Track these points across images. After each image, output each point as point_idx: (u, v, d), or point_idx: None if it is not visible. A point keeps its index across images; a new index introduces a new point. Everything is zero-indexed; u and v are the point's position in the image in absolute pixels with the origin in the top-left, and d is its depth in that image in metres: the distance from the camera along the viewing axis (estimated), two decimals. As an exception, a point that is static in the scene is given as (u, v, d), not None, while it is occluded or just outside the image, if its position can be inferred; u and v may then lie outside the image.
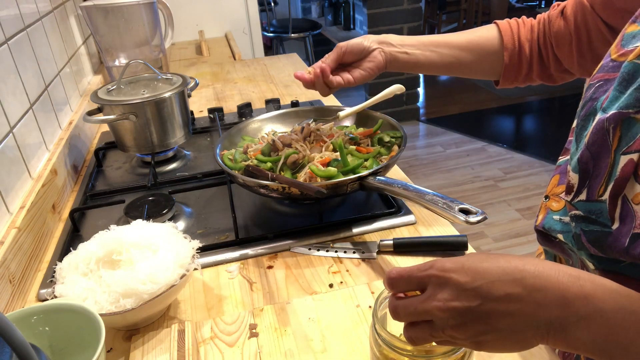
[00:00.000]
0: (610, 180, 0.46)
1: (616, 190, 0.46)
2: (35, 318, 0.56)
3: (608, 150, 0.47)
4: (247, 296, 0.70)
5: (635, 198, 0.44)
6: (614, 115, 0.46)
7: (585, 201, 0.49)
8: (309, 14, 5.23)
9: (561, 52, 0.76)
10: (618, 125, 0.46)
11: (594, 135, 0.48)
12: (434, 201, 0.65)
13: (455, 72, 0.84)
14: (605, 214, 0.47)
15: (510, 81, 0.83)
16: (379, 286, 0.69)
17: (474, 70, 0.84)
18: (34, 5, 1.07)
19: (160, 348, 0.59)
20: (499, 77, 0.83)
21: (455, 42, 0.82)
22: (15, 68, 0.90)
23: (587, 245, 0.48)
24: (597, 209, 0.47)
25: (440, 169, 2.95)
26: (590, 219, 0.48)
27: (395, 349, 0.46)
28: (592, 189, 0.48)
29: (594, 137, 0.48)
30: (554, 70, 0.79)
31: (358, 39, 0.83)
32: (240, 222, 0.84)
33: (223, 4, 2.25)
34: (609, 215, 0.46)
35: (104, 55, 1.46)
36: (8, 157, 0.81)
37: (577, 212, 0.50)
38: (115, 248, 0.65)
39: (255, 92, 1.50)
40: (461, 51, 0.81)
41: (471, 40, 0.82)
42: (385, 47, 0.83)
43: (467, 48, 0.81)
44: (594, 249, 0.48)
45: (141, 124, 1.00)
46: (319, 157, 0.84)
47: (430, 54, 0.82)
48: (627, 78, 0.47)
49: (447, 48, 0.82)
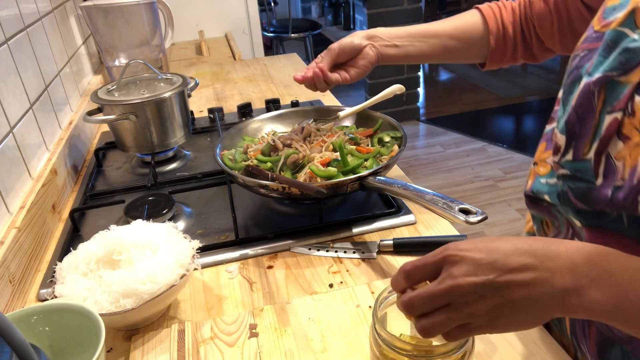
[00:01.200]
0: (595, 139, 0.49)
1: (600, 148, 0.49)
2: (35, 318, 0.56)
3: (593, 111, 0.50)
4: (247, 296, 0.70)
5: (618, 155, 0.47)
6: (599, 78, 0.49)
7: (571, 161, 0.52)
8: (309, 14, 5.23)
9: (543, 32, 0.79)
10: (603, 88, 0.49)
11: (580, 98, 0.51)
12: (434, 201, 0.65)
13: (444, 59, 0.88)
14: (590, 172, 0.50)
15: (497, 63, 0.86)
16: (379, 286, 0.69)
17: (463, 56, 0.87)
18: (34, 5, 1.07)
19: (160, 348, 0.59)
20: (485, 60, 0.86)
21: (443, 30, 0.84)
22: (15, 68, 0.90)
23: (574, 201, 0.52)
24: (582, 167, 0.51)
25: (440, 169, 2.95)
26: (576, 177, 0.51)
27: (395, 349, 0.46)
28: (578, 149, 0.51)
29: (581, 100, 0.51)
30: (536, 50, 0.82)
31: (348, 39, 0.85)
32: (240, 222, 0.83)
33: (223, 4, 2.25)
34: (594, 172, 0.50)
35: (104, 55, 1.46)
36: (8, 157, 0.81)
37: (564, 171, 0.53)
38: (115, 248, 0.65)
39: (255, 92, 1.50)
40: (449, 39, 0.84)
41: (457, 27, 0.84)
42: (376, 42, 0.85)
43: (454, 36, 0.84)
44: (581, 204, 0.51)
45: (141, 124, 1.00)
46: (319, 157, 0.84)
47: (420, 44, 0.85)
48: (611, 44, 0.49)
49: (435, 38, 0.84)
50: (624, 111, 0.47)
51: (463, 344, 0.46)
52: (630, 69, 0.47)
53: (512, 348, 0.58)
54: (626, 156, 0.47)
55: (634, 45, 0.47)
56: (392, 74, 3.40)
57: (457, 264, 0.42)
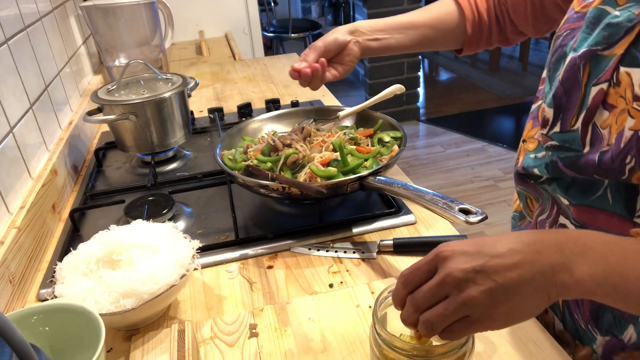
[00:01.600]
0: (582, 110, 0.53)
1: (587, 118, 0.53)
2: (35, 318, 0.56)
3: (579, 84, 0.53)
4: (247, 296, 0.70)
5: (604, 123, 0.51)
6: (584, 52, 0.52)
7: (559, 132, 0.56)
8: (309, 14, 5.24)
9: (517, 17, 0.83)
10: (588, 62, 0.52)
11: (567, 72, 0.54)
12: (434, 201, 0.65)
13: (423, 48, 0.90)
14: (578, 141, 0.54)
15: (473, 49, 0.89)
16: (379, 286, 0.69)
17: (441, 44, 0.90)
18: (34, 5, 1.07)
19: (160, 348, 0.59)
20: (462, 46, 0.89)
21: (421, 21, 0.87)
22: (15, 68, 0.90)
23: (563, 169, 0.55)
24: (570, 137, 0.55)
25: (440, 169, 2.95)
26: (565, 147, 0.55)
27: (395, 349, 0.46)
28: (565, 121, 0.55)
29: (567, 74, 0.54)
30: (510, 34, 0.87)
31: (331, 36, 0.86)
32: (240, 222, 0.83)
33: (223, 4, 2.25)
34: (581, 141, 0.53)
35: (104, 55, 1.46)
36: (8, 157, 0.81)
37: (552, 142, 0.57)
38: (115, 248, 0.65)
39: (255, 92, 1.50)
40: (427, 29, 0.87)
41: (434, 17, 0.87)
42: (358, 36, 0.87)
43: (432, 25, 0.87)
44: (570, 172, 0.54)
45: (141, 124, 1.00)
46: (319, 157, 0.84)
47: (400, 36, 0.87)
48: (593, 21, 0.53)
49: (413, 29, 0.87)
50: (609, 82, 0.51)
51: (463, 343, 0.46)
52: (614, 42, 0.50)
53: (512, 348, 0.58)
54: (612, 124, 0.51)
55: (615, 21, 0.50)
56: (392, 74, 3.40)
57: (449, 258, 0.44)
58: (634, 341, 0.55)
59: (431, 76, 4.61)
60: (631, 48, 0.49)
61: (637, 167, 0.48)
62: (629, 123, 0.49)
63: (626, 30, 0.49)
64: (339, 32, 0.86)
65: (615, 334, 0.56)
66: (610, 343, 0.57)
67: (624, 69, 0.49)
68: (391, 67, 3.38)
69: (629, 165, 0.49)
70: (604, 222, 0.54)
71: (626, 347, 0.56)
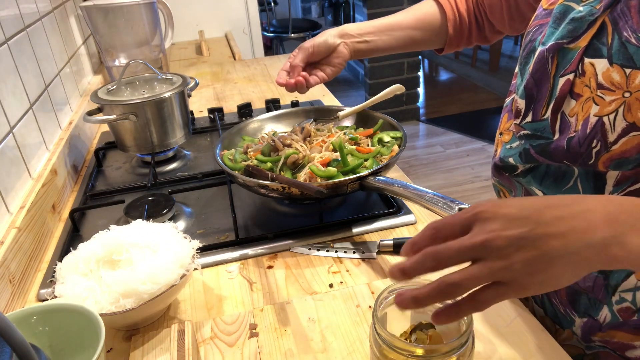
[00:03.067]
0: (551, 100, 0.57)
1: (556, 107, 0.57)
2: (35, 318, 0.56)
3: (548, 76, 0.57)
4: (247, 296, 0.70)
5: (571, 112, 0.55)
6: (552, 46, 0.56)
7: (531, 122, 0.60)
8: (309, 14, 5.24)
9: (494, 17, 0.87)
10: (555, 54, 0.56)
11: (537, 65, 0.58)
12: (434, 201, 0.65)
13: (409, 49, 0.93)
14: (548, 129, 0.57)
15: (454, 48, 0.93)
16: (379, 286, 0.69)
17: (425, 44, 0.93)
18: (34, 5, 1.07)
19: (160, 348, 0.59)
20: (444, 46, 0.93)
21: (406, 23, 0.91)
22: (15, 68, 0.90)
23: (536, 156, 0.58)
24: (541, 126, 0.58)
25: (440, 169, 2.95)
26: (536, 135, 0.59)
27: (395, 349, 0.46)
28: (537, 111, 0.59)
29: (537, 66, 0.58)
30: (488, 33, 0.91)
31: (321, 38, 0.88)
32: (240, 222, 0.84)
33: (223, 4, 2.25)
34: (551, 129, 0.57)
35: (104, 55, 1.46)
36: (8, 157, 0.81)
37: (525, 131, 0.60)
38: (115, 248, 0.65)
39: (255, 92, 1.50)
40: (413, 30, 0.90)
41: (419, 18, 0.90)
42: (347, 39, 0.89)
43: (417, 27, 0.90)
44: (542, 158, 0.58)
45: (141, 124, 1.00)
46: (319, 157, 0.84)
47: (387, 38, 0.90)
48: (559, 16, 0.57)
49: (400, 30, 0.90)
50: (575, 72, 0.55)
51: (463, 343, 0.46)
52: (578, 36, 0.54)
53: (512, 348, 0.58)
54: (578, 111, 0.54)
55: (579, 15, 0.54)
56: (392, 74, 3.40)
57: (490, 220, 0.41)
58: (609, 321, 0.59)
59: (431, 76, 4.61)
60: (594, 40, 0.53)
61: (602, 151, 0.52)
62: (594, 110, 0.52)
63: (589, 23, 0.53)
64: (328, 34, 0.88)
65: (591, 315, 0.60)
66: (587, 324, 0.61)
67: (588, 59, 0.53)
68: (391, 67, 3.39)
69: (595, 149, 0.52)
70: None
71: (602, 327, 0.60)
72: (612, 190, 0.54)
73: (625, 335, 0.59)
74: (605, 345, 0.61)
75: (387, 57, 3.37)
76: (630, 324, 0.58)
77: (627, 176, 0.53)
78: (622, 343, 0.59)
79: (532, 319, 0.62)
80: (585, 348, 0.63)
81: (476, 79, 4.18)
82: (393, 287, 0.50)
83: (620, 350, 0.60)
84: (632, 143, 0.50)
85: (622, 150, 0.51)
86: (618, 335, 0.59)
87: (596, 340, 0.61)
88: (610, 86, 0.51)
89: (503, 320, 0.62)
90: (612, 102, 0.51)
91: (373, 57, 0.93)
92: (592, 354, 0.63)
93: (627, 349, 0.59)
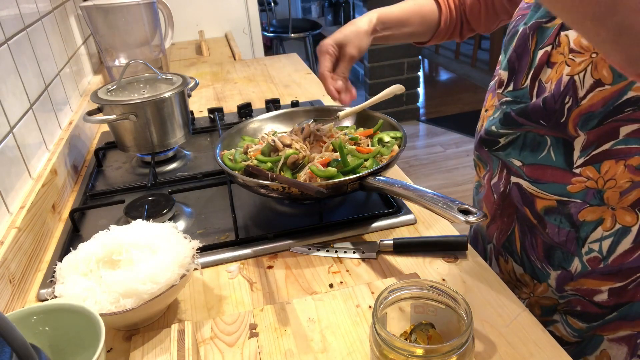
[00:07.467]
0: (530, 70, 0.65)
1: (535, 75, 0.65)
2: (35, 318, 0.56)
3: (528, 51, 0.66)
4: (247, 296, 0.70)
5: (547, 79, 0.63)
6: (532, 24, 0.65)
7: (512, 90, 0.69)
8: (309, 14, 5.24)
9: (472, 17, 0.94)
10: (535, 32, 0.65)
11: (519, 41, 0.67)
12: (434, 201, 0.65)
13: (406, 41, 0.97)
14: (527, 95, 0.66)
15: (435, 42, 0.98)
16: (379, 286, 0.69)
17: (419, 38, 0.97)
18: (34, 5, 1.07)
19: (160, 348, 0.59)
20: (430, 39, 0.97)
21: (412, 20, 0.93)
22: (15, 68, 0.90)
23: (516, 117, 0.67)
24: (521, 93, 0.67)
25: (440, 169, 2.95)
26: (516, 101, 0.68)
27: (395, 349, 0.46)
28: (518, 81, 0.68)
29: (519, 42, 0.67)
30: (465, 31, 0.97)
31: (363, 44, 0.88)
32: (240, 222, 0.84)
33: (223, 4, 2.25)
34: (529, 94, 0.65)
35: (104, 55, 1.46)
36: (8, 157, 0.81)
37: (507, 98, 0.69)
38: (115, 248, 0.65)
39: (255, 92, 1.50)
40: (418, 26, 0.94)
41: (423, 14, 0.94)
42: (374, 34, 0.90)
43: (421, 23, 0.94)
44: (521, 119, 0.66)
45: (141, 124, 1.00)
46: (319, 157, 0.84)
47: (397, 32, 0.93)
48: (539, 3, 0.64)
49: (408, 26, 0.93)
50: (552, 45, 0.63)
51: (463, 343, 0.46)
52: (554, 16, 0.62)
53: (512, 348, 0.58)
54: (553, 77, 0.62)
55: None
56: (392, 74, 3.40)
57: None
58: (580, 270, 0.67)
59: (431, 76, 4.61)
60: None
61: (573, 106, 0.60)
62: (566, 70, 0.60)
63: None
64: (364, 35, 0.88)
65: (564, 267, 0.68)
66: (561, 276, 0.69)
67: (564, 32, 0.61)
68: (391, 67, 3.39)
69: (567, 105, 0.60)
70: (551, 175, 0.65)
71: (574, 277, 0.68)
72: (579, 155, 0.61)
73: (593, 282, 0.66)
74: (576, 292, 0.68)
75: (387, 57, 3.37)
76: (597, 272, 0.65)
77: (591, 141, 0.60)
78: (590, 289, 0.67)
79: (533, 318, 0.62)
80: (559, 298, 0.71)
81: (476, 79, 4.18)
82: (393, 287, 0.50)
83: (589, 296, 0.67)
84: (598, 97, 0.58)
85: (590, 104, 0.59)
86: (587, 283, 0.67)
87: (568, 289, 0.69)
88: (580, 49, 0.59)
89: (503, 320, 0.62)
90: (582, 62, 0.59)
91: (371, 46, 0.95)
92: (565, 302, 0.70)
93: (595, 294, 0.67)
